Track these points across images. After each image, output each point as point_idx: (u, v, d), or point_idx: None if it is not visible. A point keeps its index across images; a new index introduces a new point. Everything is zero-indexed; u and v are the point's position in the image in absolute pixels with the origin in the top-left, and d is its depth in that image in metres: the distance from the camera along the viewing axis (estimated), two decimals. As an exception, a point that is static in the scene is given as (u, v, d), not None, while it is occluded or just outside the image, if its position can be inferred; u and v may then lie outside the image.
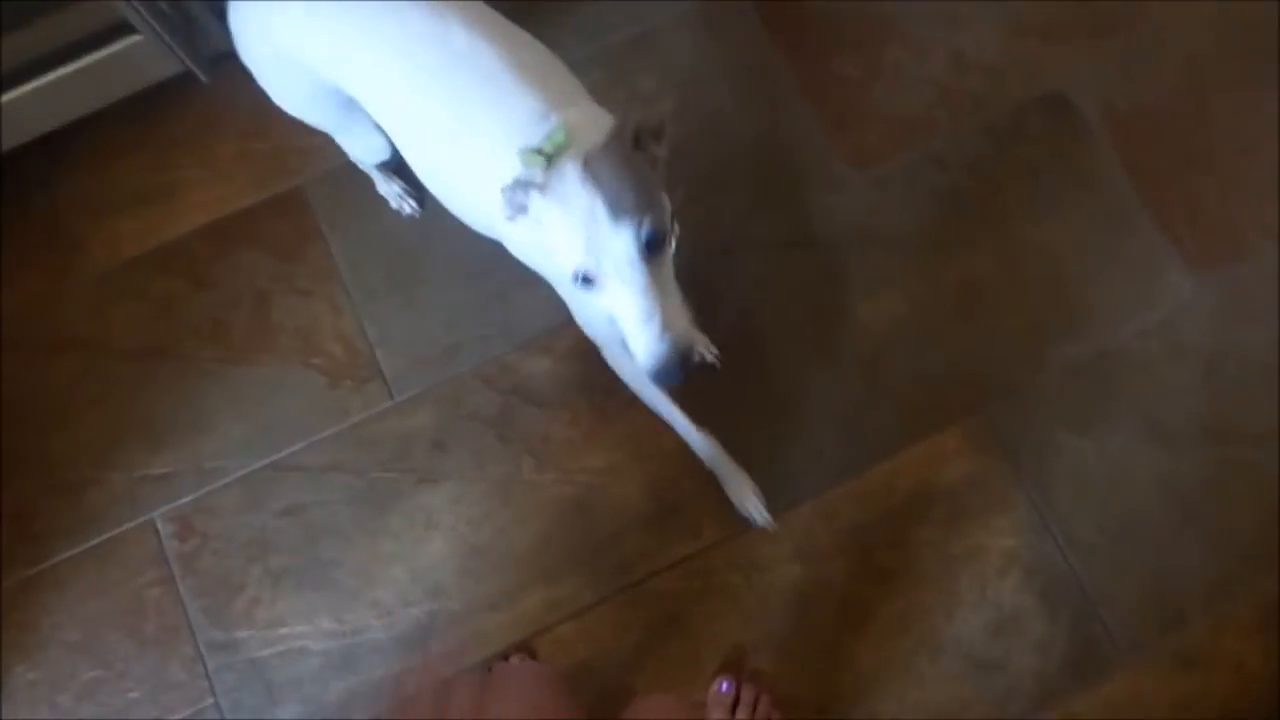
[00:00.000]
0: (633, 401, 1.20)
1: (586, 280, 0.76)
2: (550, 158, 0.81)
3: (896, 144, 1.41)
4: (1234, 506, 1.28)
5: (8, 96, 1.30)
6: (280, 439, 1.34)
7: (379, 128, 1.09)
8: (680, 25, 1.47)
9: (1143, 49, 1.44)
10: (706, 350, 1.18)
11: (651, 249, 0.75)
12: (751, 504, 1.25)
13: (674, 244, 0.81)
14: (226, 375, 1.37)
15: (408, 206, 1.40)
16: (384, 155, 1.19)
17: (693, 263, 1.36)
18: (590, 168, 0.75)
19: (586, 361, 1.23)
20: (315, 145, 1.43)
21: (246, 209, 1.42)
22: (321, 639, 1.28)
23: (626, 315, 0.76)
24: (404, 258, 1.40)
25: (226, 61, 1.42)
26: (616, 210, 0.74)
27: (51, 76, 1.29)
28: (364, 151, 1.23)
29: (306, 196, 1.42)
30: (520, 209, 0.80)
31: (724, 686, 1.22)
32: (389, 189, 1.38)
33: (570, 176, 0.75)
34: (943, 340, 1.34)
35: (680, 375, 0.75)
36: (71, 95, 1.34)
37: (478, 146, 0.92)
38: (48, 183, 1.43)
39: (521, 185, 0.79)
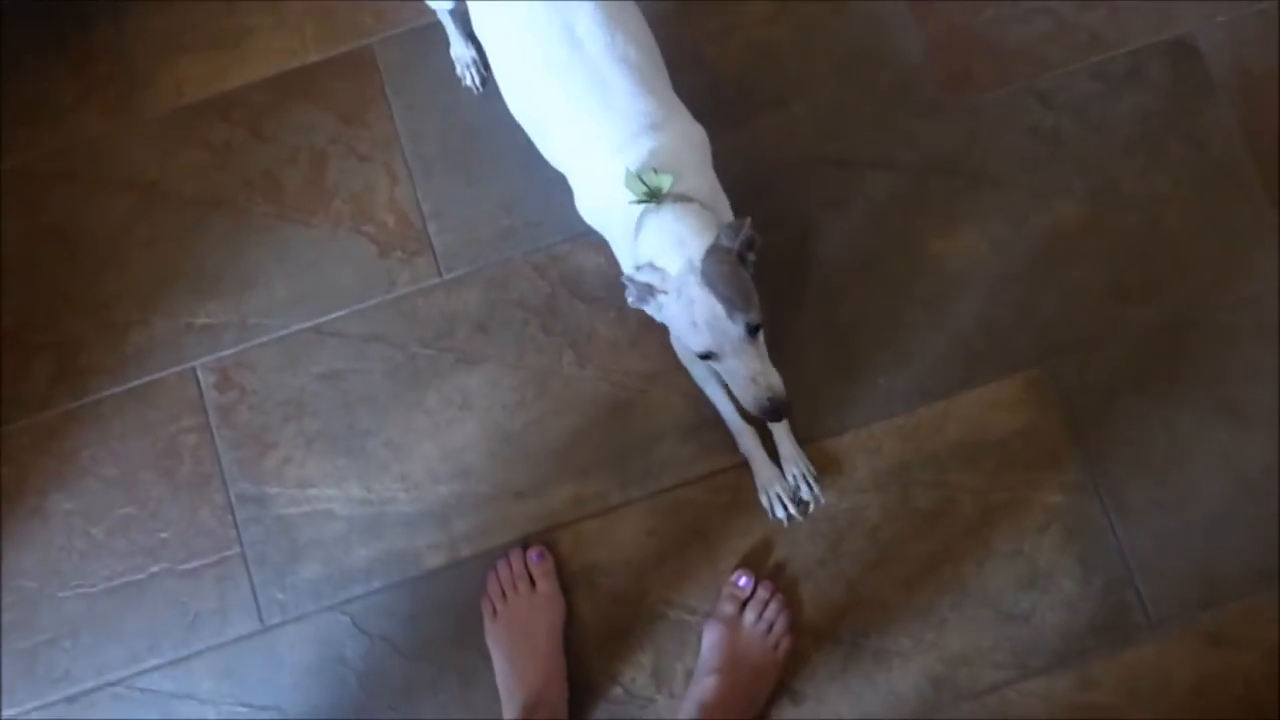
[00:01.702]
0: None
1: (706, 356, 1.04)
2: (652, 194, 1.07)
3: (1000, 74, 1.44)
4: (1297, 497, 1.34)
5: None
6: (325, 302, 1.45)
7: None
8: (786, -83, 1.50)
9: (1288, 6, 1.44)
10: (812, 482, 1.37)
11: (753, 332, 1.03)
12: (775, 497, 1.35)
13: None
14: (277, 232, 1.47)
15: (470, 78, 1.47)
16: (448, 4, 1.33)
17: (765, 174, 1.44)
18: (706, 277, 1.02)
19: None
20: (389, 6, 1.51)
21: (313, 64, 1.50)
22: (348, 504, 1.41)
23: (738, 377, 1.04)
24: (468, 134, 1.48)
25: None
26: (731, 309, 1.01)
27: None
28: None
29: (375, 58, 1.50)
30: (643, 301, 1.07)
31: (742, 581, 1.33)
32: (462, 53, 1.45)
33: (694, 287, 1.02)
34: (1018, 286, 1.40)
35: (780, 415, 1.04)
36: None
37: (577, 127, 1.13)
38: (117, 14, 1.52)
39: (647, 287, 1.05)
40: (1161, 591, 1.32)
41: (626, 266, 1.21)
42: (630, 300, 1.08)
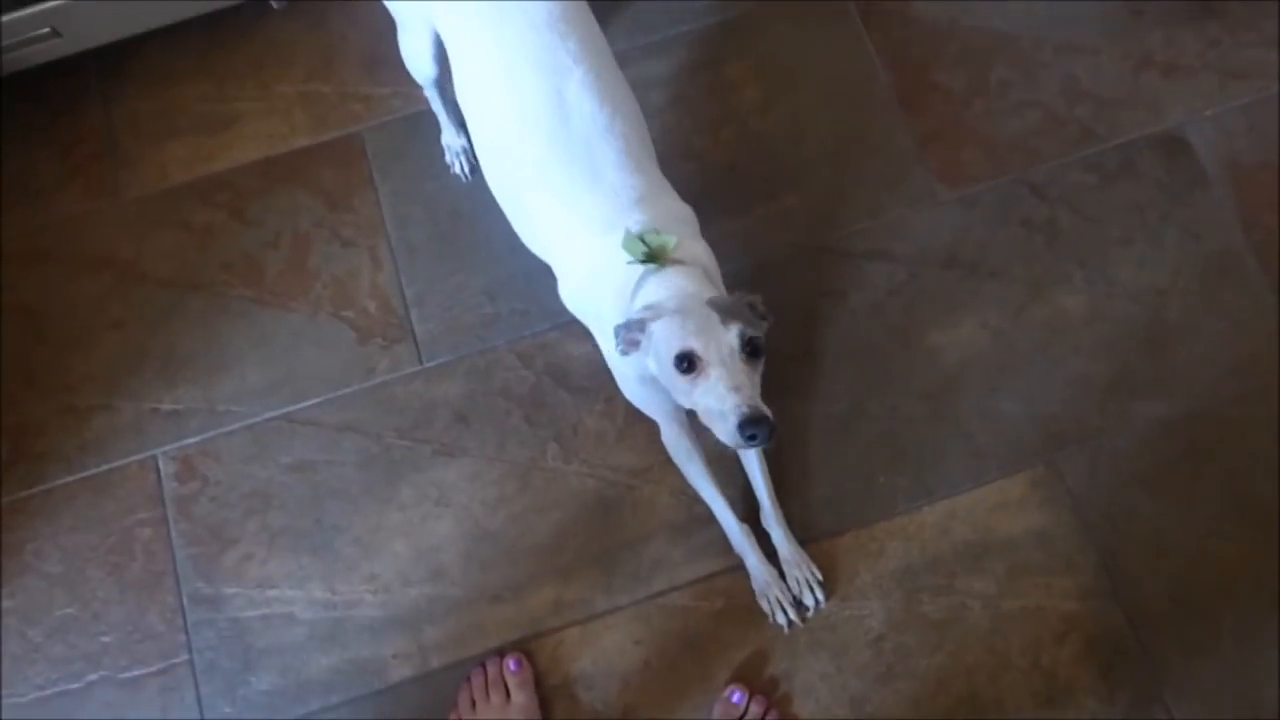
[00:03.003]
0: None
1: (689, 365, 0.96)
2: (653, 255, 1.03)
3: (992, 166, 1.46)
4: (1330, 605, 1.27)
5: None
6: (299, 390, 1.41)
7: (437, 58, 1.26)
8: (776, 15, 1.54)
9: (1273, 102, 1.48)
10: (816, 587, 1.28)
11: (750, 354, 0.96)
12: (775, 601, 1.27)
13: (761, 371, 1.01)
14: (254, 316, 1.44)
15: (459, 166, 1.47)
16: (427, 77, 1.33)
17: (758, 265, 1.43)
18: (710, 298, 1.00)
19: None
20: (380, 94, 1.53)
21: (300, 149, 1.51)
22: (310, 607, 1.32)
23: (721, 388, 0.94)
24: (455, 221, 1.47)
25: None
26: (727, 317, 0.97)
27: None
28: (411, 60, 1.32)
29: (363, 145, 1.51)
30: (633, 345, 1.02)
31: (735, 697, 1.23)
32: (452, 141, 1.46)
33: (693, 303, 0.99)
34: (1020, 379, 1.37)
35: (766, 435, 0.92)
36: (144, 5, 1.44)
37: (560, 200, 1.11)
38: (106, 98, 1.54)
39: (639, 324, 1.00)
40: (1195, 711, 1.23)
41: (611, 360, 1.17)
42: (619, 349, 1.02)
